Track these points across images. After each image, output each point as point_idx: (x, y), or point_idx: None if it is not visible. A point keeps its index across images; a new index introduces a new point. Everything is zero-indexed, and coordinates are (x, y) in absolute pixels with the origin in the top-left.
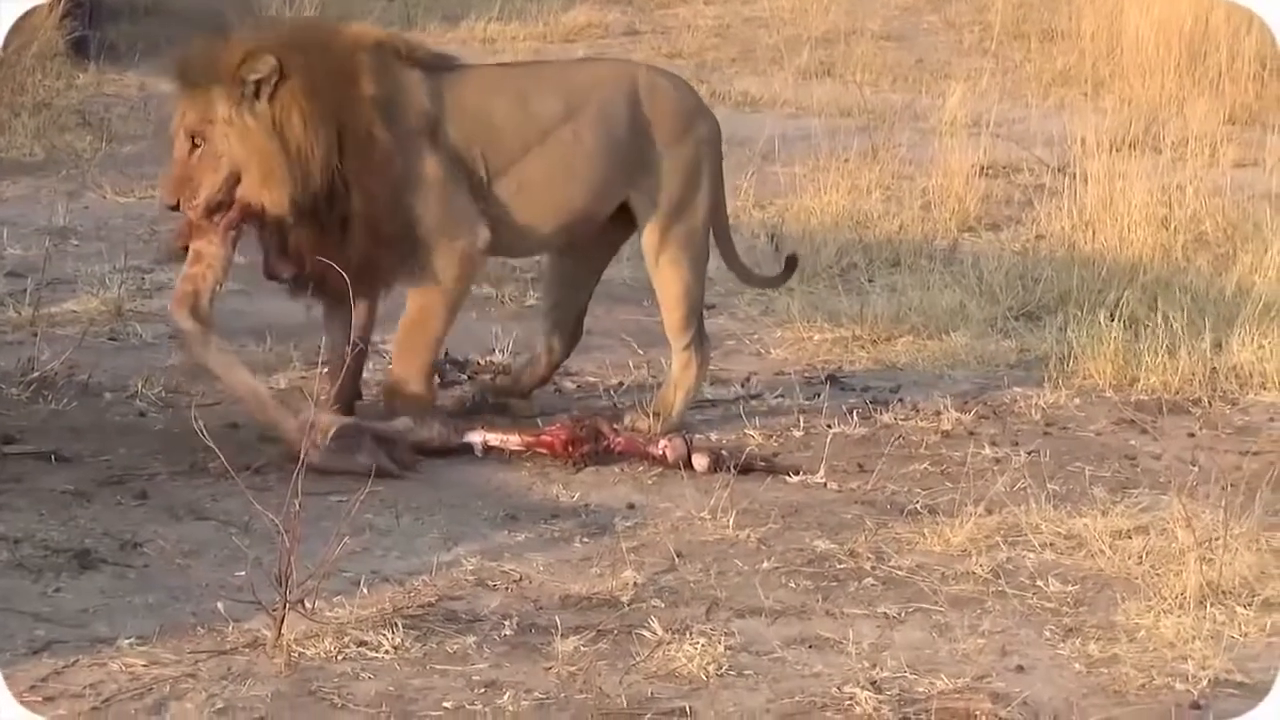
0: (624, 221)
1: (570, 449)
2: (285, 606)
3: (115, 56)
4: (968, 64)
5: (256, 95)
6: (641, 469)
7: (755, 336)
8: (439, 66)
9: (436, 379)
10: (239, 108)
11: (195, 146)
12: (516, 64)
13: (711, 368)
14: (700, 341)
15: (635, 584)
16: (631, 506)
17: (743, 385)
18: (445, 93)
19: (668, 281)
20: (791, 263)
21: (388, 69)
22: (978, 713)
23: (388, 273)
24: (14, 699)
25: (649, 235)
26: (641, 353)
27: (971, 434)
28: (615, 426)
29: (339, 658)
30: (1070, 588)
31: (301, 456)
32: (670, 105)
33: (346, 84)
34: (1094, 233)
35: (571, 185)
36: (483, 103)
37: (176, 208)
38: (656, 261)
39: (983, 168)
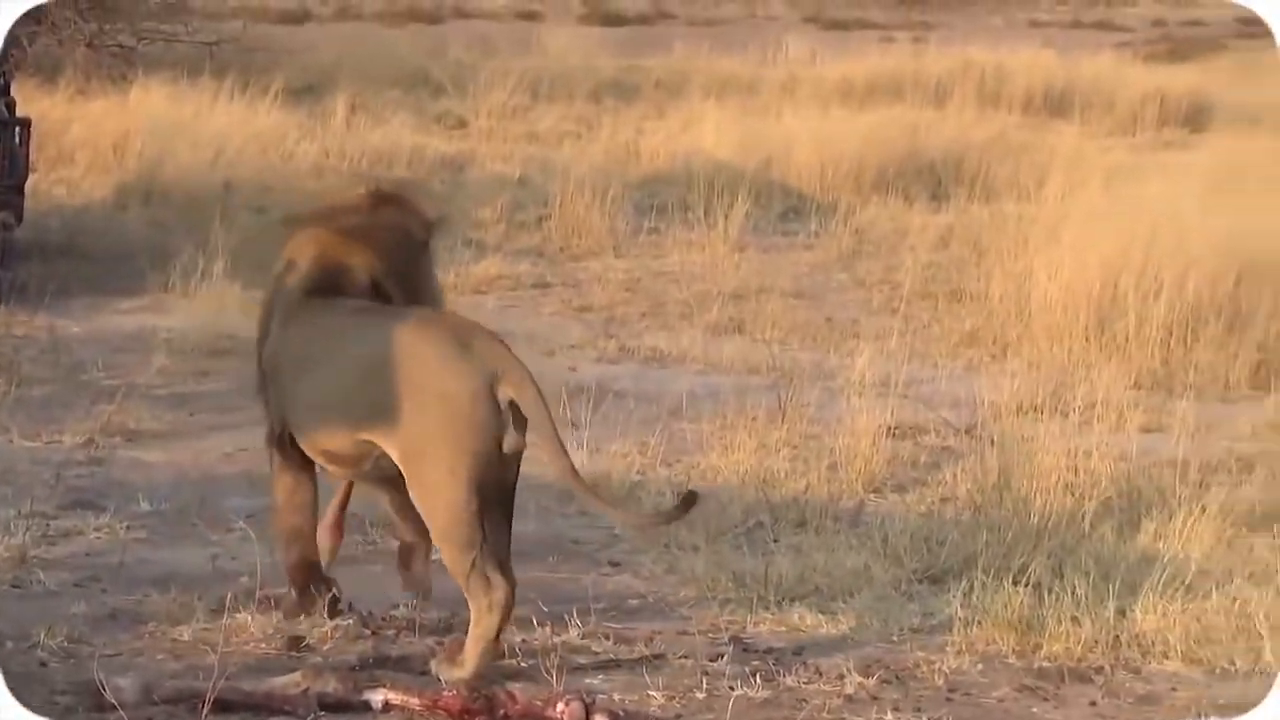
0: None
1: (466, 716)
2: None
3: (25, 298)
4: (876, 323)
5: None
6: None
7: (659, 595)
8: None
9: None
10: None
11: None
12: None
13: (615, 626)
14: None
15: None
16: None
17: (646, 644)
18: None
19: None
20: (689, 499)
21: None
22: None
23: None
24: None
25: None
26: (546, 609)
27: (875, 699)
28: (512, 691)
29: None
30: None
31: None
32: None
33: None
34: (1000, 496)
35: None
36: None
37: None
38: None
39: (890, 428)
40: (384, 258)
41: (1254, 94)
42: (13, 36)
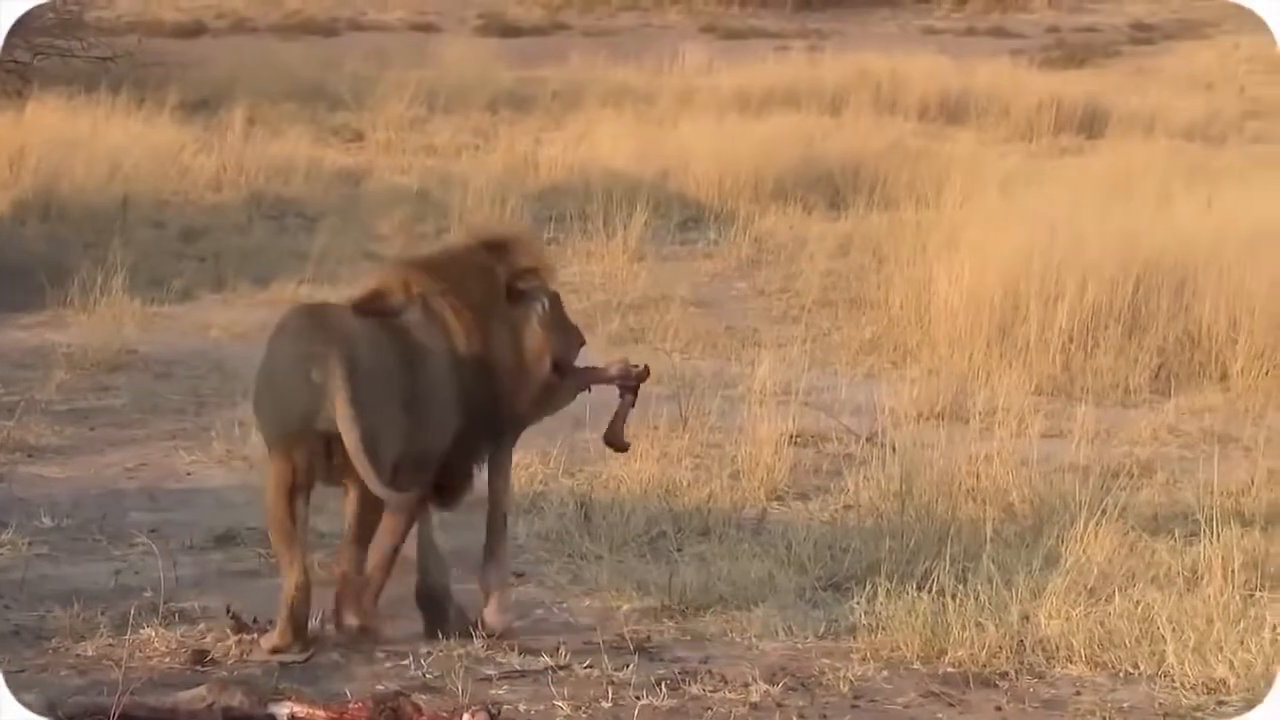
0: None
1: None
2: None
3: None
4: (777, 331)
5: None
6: None
7: (563, 605)
8: None
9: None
10: None
11: None
12: None
13: (519, 638)
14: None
15: None
16: None
17: (551, 655)
18: None
19: None
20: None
21: None
22: None
23: None
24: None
25: None
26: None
27: (780, 706)
28: (418, 703)
29: None
30: None
31: None
32: None
33: None
34: (902, 504)
35: None
36: None
37: None
38: None
39: (792, 436)
40: (451, 288)
41: (1148, 100)
42: None
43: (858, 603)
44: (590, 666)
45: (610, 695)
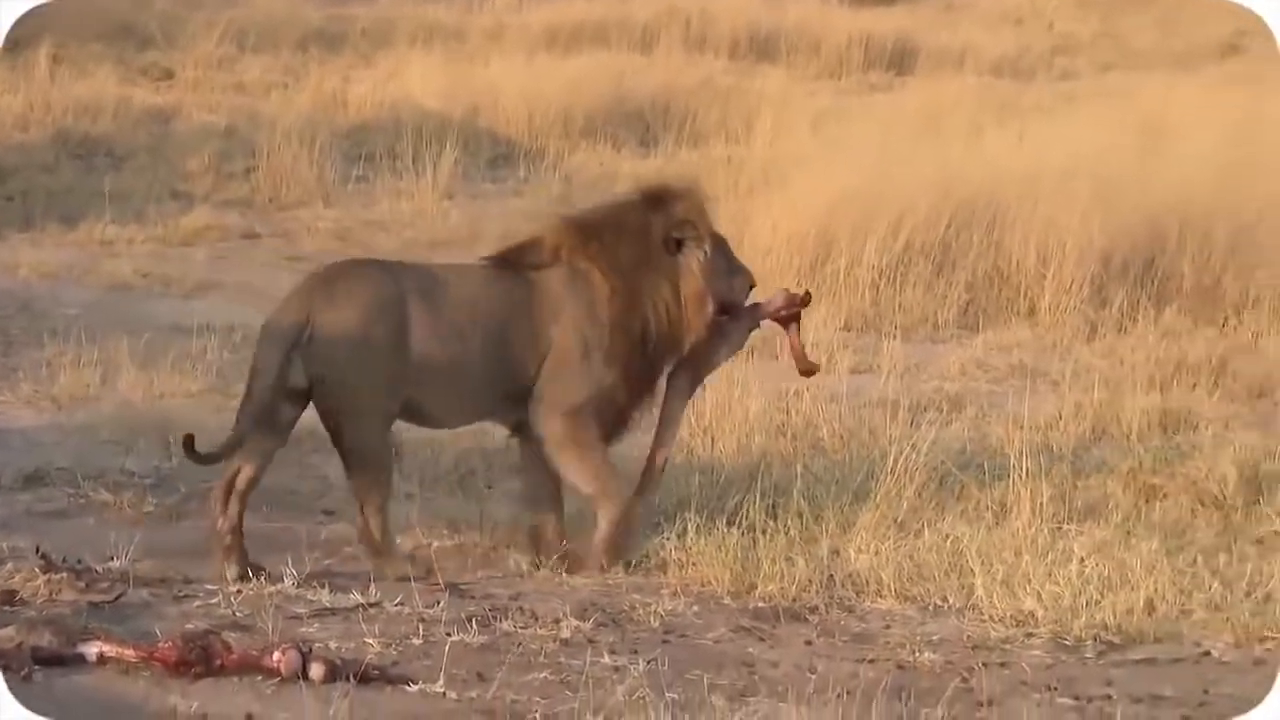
0: None
1: (180, 670)
2: None
3: None
4: None
5: None
6: (260, 678)
7: None
8: None
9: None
10: None
11: None
12: None
13: (329, 576)
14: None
15: None
16: (250, 717)
17: (362, 593)
18: None
19: None
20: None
21: None
22: None
23: None
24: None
25: None
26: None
27: (591, 642)
28: (227, 640)
29: None
30: None
31: None
32: None
33: None
34: (712, 440)
35: None
36: None
37: None
38: None
39: None
40: (602, 248)
41: (958, 36)
42: None
43: (668, 538)
44: (401, 604)
45: (421, 632)
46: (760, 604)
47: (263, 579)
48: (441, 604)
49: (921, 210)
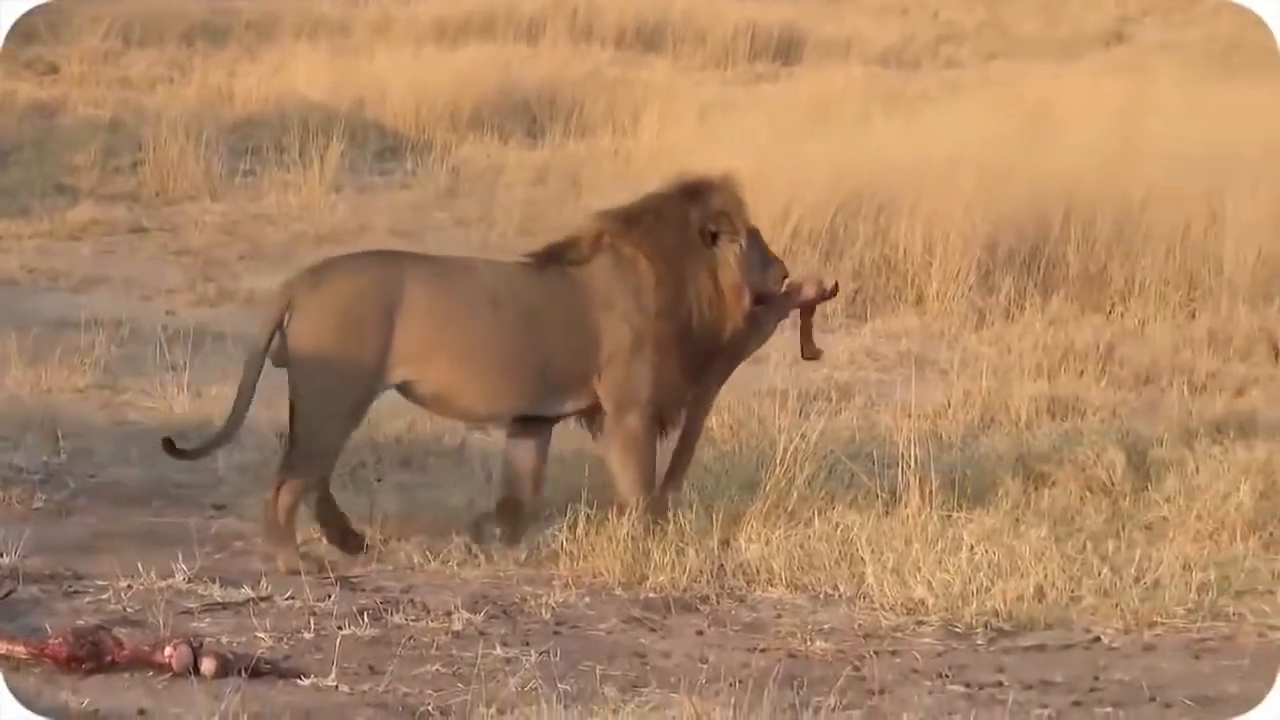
0: None
1: (72, 666)
2: None
3: None
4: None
5: None
6: (152, 674)
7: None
8: None
9: None
10: None
11: None
12: None
13: (220, 571)
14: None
15: None
16: (142, 712)
17: (253, 587)
18: None
19: None
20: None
21: None
22: None
23: None
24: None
25: None
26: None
27: (483, 634)
28: (119, 636)
29: None
30: None
31: None
32: None
33: None
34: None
35: None
36: None
37: None
38: None
39: None
40: (644, 238)
41: (844, 26)
42: None
43: (559, 529)
44: (292, 598)
45: (312, 626)
46: (652, 595)
47: (152, 574)
48: (333, 597)
49: (809, 199)
